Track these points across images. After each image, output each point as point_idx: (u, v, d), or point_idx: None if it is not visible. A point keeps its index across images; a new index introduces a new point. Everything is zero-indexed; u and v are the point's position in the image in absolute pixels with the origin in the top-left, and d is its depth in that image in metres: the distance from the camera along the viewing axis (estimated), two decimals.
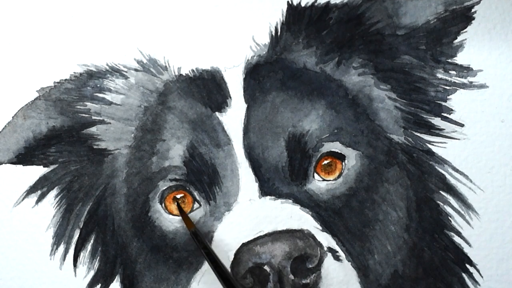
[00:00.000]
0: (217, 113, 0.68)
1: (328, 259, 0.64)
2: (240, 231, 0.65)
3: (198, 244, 0.62)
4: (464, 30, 0.70)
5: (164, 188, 0.67)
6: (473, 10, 0.70)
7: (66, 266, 0.68)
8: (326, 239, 0.65)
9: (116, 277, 0.69)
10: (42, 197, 0.69)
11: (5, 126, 0.68)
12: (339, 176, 0.67)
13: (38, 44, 0.69)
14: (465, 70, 0.70)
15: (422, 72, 0.69)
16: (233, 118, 0.68)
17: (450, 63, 0.69)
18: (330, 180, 0.67)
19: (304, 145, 0.67)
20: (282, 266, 0.62)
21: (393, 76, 0.69)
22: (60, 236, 0.68)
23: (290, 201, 0.66)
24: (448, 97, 0.69)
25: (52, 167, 0.69)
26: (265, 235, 0.64)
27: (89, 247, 0.69)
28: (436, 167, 0.69)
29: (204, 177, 0.66)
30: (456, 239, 0.69)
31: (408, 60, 0.69)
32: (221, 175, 0.67)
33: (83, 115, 0.69)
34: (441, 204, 0.69)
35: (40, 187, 0.69)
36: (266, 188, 0.66)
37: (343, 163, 0.67)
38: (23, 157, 0.68)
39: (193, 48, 0.69)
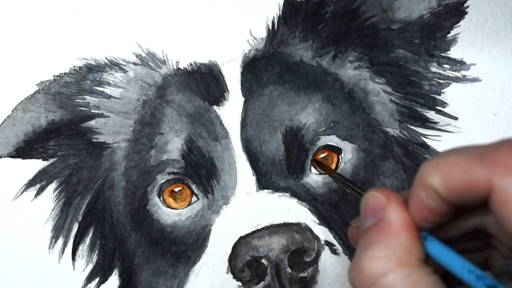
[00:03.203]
0: (214, 106, 0.65)
1: (326, 252, 0.61)
2: (237, 224, 0.62)
3: (343, 185, 0.58)
4: (457, 25, 0.67)
5: (162, 182, 0.64)
6: (465, 5, 0.67)
7: (64, 260, 0.65)
8: (323, 233, 0.62)
9: (115, 270, 0.65)
10: (41, 191, 0.65)
11: (5, 119, 0.65)
12: (335, 170, 0.64)
13: (38, 38, 0.66)
14: (458, 64, 0.67)
15: (417, 66, 0.67)
16: (230, 112, 0.65)
17: (444, 57, 0.67)
18: (326, 174, 0.64)
19: (301, 138, 0.64)
20: (279, 260, 0.59)
21: (388, 69, 0.66)
22: (59, 230, 0.65)
23: (287, 194, 0.63)
24: (442, 90, 0.67)
25: (51, 160, 0.65)
26: (263, 228, 0.61)
27: (87, 240, 0.65)
28: None
29: (202, 170, 0.63)
30: None
31: (403, 54, 0.66)
32: (219, 169, 0.63)
33: (82, 108, 0.65)
34: None
35: (39, 181, 0.65)
36: (264, 182, 0.63)
37: (340, 156, 0.65)
38: (22, 151, 0.65)
39: (191, 42, 0.66)
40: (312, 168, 0.64)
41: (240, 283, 0.61)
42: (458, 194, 0.42)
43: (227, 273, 0.61)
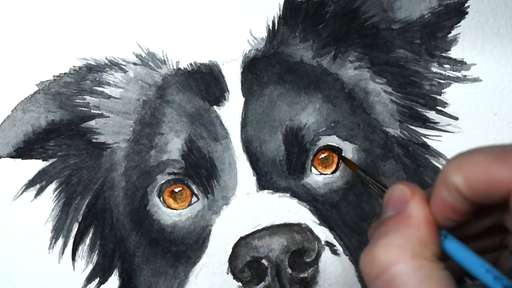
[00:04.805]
0: (215, 106, 0.65)
1: (326, 253, 0.61)
2: (238, 224, 0.62)
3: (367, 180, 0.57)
4: (458, 25, 0.67)
5: (162, 182, 0.64)
6: (466, 5, 0.67)
7: (64, 260, 0.65)
8: (323, 233, 0.61)
9: (115, 270, 0.65)
10: (41, 191, 0.65)
11: (4, 120, 0.65)
12: (336, 170, 0.64)
13: (37, 38, 0.65)
14: (459, 64, 0.67)
15: (417, 66, 0.66)
16: (231, 112, 0.64)
17: (444, 57, 0.67)
18: (327, 174, 0.64)
19: (301, 138, 0.63)
20: (280, 260, 0.59)
21: (388, 69, 0.66)
22: (59, 230, 0.65)
23: (288, 195, 0.62)
24: (442, 90, 0.67)
25: (51, 160, 0.65)
26: (263, 229, 0.60)
27: (87, 241, 0.65)
28: (432, 160, 0.66)
29: (202, 170, 0.63)
30: None
31: (403, 54, 0.66)
32: (219, 169, 0.63)
33: (82, 108, 0.65)
34: None
35: (39, 181, 0.65)
36: (264, 182, 0.63)
37: None
38: (22, 151, 0.65)
39: (192, 42, 0.66)
40: (313, 168, 0.64)
41: (240, 284, 0.60)
42: (480, 193, 0.42)
43: (227, 273, 0.61)
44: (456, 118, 0.67)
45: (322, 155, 0.64)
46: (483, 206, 0.44)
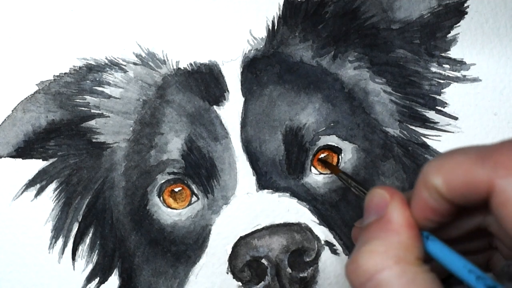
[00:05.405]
0: (215, 106, 0.65)
1: (326, 252, 0.61)
2: (237, 224, 0.62)
3: (349, 183, 0.57)
4: (457, 25, 0.67)
5: (162, 182, 0.64)
6: (465, 5, 0.67)
7: (64, 260, 0.65)
8: (323, 233, 0.61)
9: (115, 270, 0.65)
10: (41, 191, 0.65)
11: (5, 120, 0.65)
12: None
13: (38, 38, 0.65)
14: (458, 64, 0.67)
15: (417, 66, 0.66)
16: (230, 112, 0.64)
17: (444, 57, 0.67)
18: (327, 174, 0.64)
19: (301, 138, 0.63)
20: (279, 260, 0.59)
21: (388, 69, 0.66)
22: (59, 230, 0.65)
23: (288, 194, 0.62)
24: (442, 90, 0.67)
25: (51, 160, 0.65)
26: (263, 228, 0.60)
27: (87, 240, 0.65)
28: None
29: (202, 170, 0.63)
30: None
31: (403, 54, 0.66)
32: (219, 169, 0.63)
33: (82, 108, 0.65)
34: None
35: (39, 181, 0.65)
36: (264, 182, 0.63)
37: (340, 156, 0.64)
38: (22, 151, 0.65)
39: (192, 42, 0.66)
40: (312, 168, 0.64)
41: (240, 283, 0.60)
42: (460, 194, 0.42)
43: (227, 273, 0.61)
44: (455, 118, 0.67)
45: (322, 155, 0.64)
46: (464, 207, 0.44)
